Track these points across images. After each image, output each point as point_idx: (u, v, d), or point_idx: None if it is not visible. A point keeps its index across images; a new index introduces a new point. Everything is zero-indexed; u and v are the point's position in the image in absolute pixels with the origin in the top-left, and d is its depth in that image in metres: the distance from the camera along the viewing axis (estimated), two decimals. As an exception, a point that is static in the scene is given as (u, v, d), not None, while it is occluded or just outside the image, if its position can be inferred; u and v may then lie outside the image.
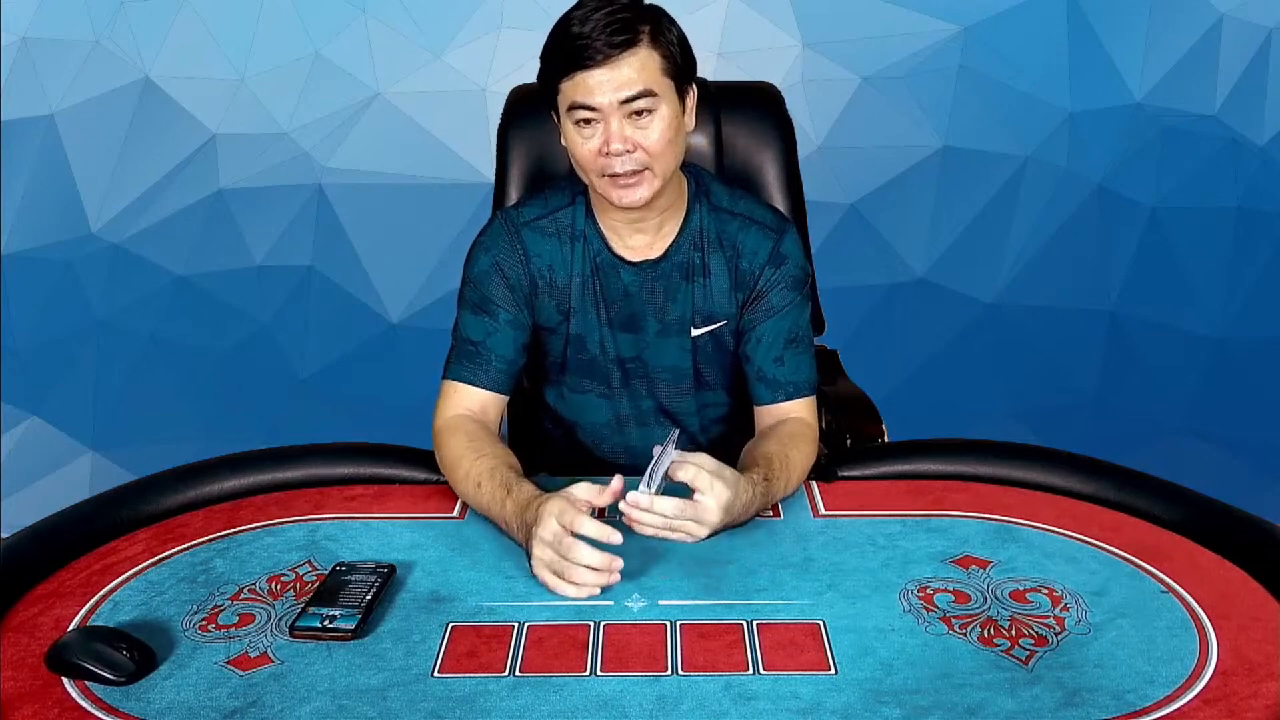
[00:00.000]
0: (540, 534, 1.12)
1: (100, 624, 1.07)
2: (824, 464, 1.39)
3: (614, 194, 1.32)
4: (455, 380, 1.39)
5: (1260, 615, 1.07)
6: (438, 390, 1.41)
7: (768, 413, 1.43)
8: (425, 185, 2.61)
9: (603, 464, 1.52)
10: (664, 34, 1.29)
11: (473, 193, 2.52)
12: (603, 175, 1.31)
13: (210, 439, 2.48)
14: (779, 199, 1.70)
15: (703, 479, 1.16)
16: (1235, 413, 2.67)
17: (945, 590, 1.12)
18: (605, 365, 1.46)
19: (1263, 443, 2.67)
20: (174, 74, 2.56)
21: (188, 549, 1.22)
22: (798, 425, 1.38)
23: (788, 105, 1.75)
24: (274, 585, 1.14)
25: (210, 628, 1.06)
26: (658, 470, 1.16)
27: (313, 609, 1.07)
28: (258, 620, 1.08)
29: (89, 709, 0.94)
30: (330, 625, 1.04)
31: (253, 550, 1.21)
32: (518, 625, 1.06)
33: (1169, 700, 0.94)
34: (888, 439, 1.62)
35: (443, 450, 1.34)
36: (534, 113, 1.68)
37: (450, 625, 1.06)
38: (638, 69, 1.26)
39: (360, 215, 2.64)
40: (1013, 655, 1.01)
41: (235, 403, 2.74)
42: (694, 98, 1.36)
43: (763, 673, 0.98)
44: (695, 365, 1.47)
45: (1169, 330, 2.66)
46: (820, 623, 1.06)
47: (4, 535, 1.26)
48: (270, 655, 1.02)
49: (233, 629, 1.06)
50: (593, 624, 1.06)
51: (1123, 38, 2.52)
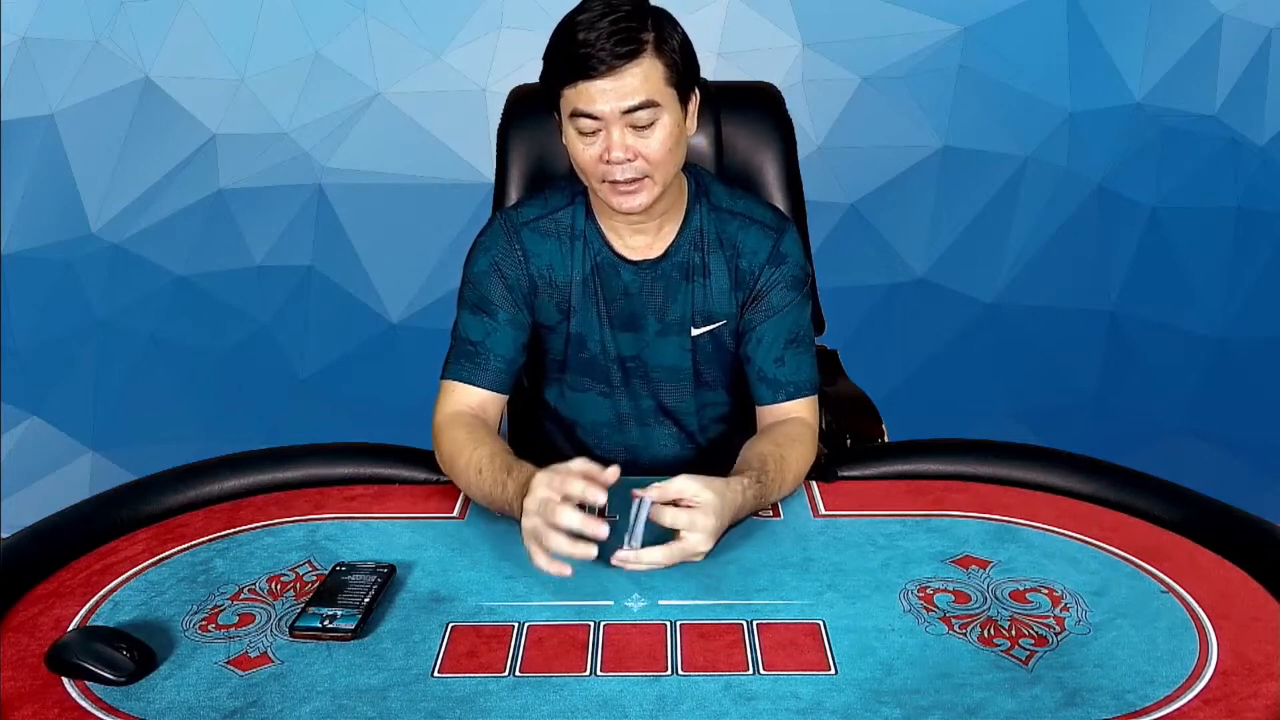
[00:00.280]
0: (527, 504, 1.12)
1: (100, 624, 1.07)
2: (824, 464, 1.39)
3: (614, 200, 1.32)
4: (455, 380, 1.40)
5: (1260, 615, 1.07)
6: (437, 390, 1.41)
7: (769, 413, 1.43)
8: (425, 185, 2.61)
9: (603, 463, 1.50)
10: (667, 42, 1.28)
11: (473, 193, 2.52)
12: (603, 181, 1.31)
13: (210, 439, 2.48)
14: (779, 199, 1.70)
15: (681, 518, 1.14)
16: (1235, 413, 2.67)
17: (945, 590, 1.12)
18: (605, 364, 1.46)
19: (1263, 443, 2.67)
20: (174, 74, 2.56)
21: (188, 549, 1.22)
22: (796, 425, 1.38)
23: (788, 105, 1.75)
24: (274, 585, 1.14)
25: (210, 628, 1.06)
26: (637, 526, 1.13)
27: (313, 609, 1.07)
28: (258, 620, 1.08)
29: (89, 709, 0.94)
30: (330, 625, 1.04)
31: (253, 550, 1.21)
32: (518, 625, 1.06)
33: (1169, 700, 0.94)
34: (888, 439, 1.62)
35: (442, 444, 1.34)
36: (534, 113, 1.69)
37: (450, 625, 1.06)
38: (641, 79, 1.26)
39: (360, 215, 2.64)
40: (1013, 655, 1.01)
41: (235, 403, 2.74)
42: (696, 102, 1.36)
43: (763, 673, 0.98)
44: (695, 365, 1.47)
45: (1169, 330, 2.66)
46: (820, 623, 1.06)
47: (4, 535, 1.26)
48: (270, 655, 1.02)
49: (233, 629, 1.06)
50: (593, 624, 1.06)
51: (1123, 38, 2.52)
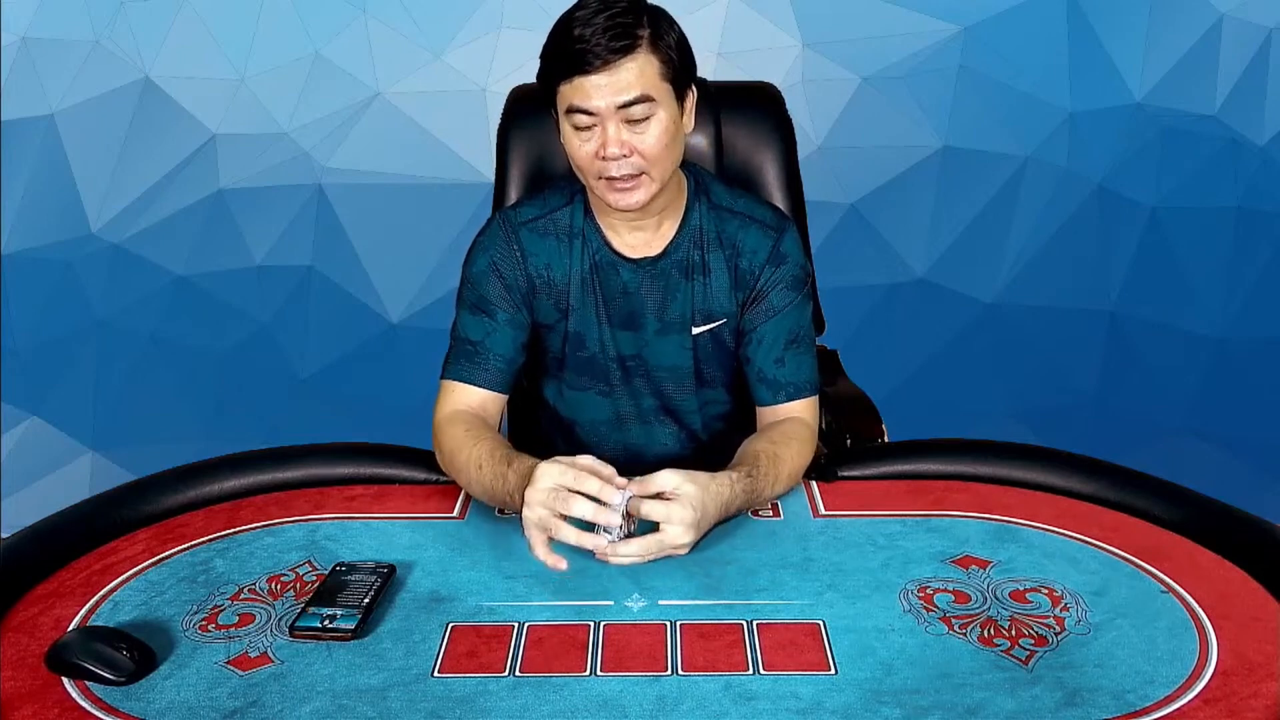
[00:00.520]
0: (530, 494, 1.13)
1: (100, 624, 1.07)
2: (824, 464, 1.39)
3: (611, 197, 1.33)
4: (454, 380, 1.40)
5: (1260, 615, 1.07)
6: (437, 390, 1.41)
7: (769, 413, 1.43)
8: (425, 185, 2.61)
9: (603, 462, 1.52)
10: (663, 38, 1.29)
11: (473, 193, 2.52)
12: (600, 178, 1.31)
13: (210, 439, 2.49)
14: (779, 199, 1.70)
15: (658, 511, 1.15)
16: (1235, 413, 2.67)
17: (945, 590, 1.12)
18: (605, 363, 1.46)
19: (1263, 443, 2.67)
20: (174, 74, 2.56)
21: (188, 549, 1.22)
22: (794, 425, 1.38)
23: (788, 105, 1.75)
24: (274, 585, 1.14)
25: (210, 628, 1.06)
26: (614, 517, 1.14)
27: (313, 609, 1.07)
28: (258, 620, 1.08)
29: (89, 709, 0.94)
30: (330, 625, 1.04)
31: (253, 550, 1.21)
32: (518, 625, 1.06)
33: (1169, 700, 0.94)
34: (888, 439, 1.62)
35: (443, 442, 1.34)
36: (534, 113, 1.69)
37: (450, 625, 1.06)
38: (636, 74, 1.26)
39: (360, 215, 2.64)
40: (1013, 655, 1.01)
41: (235, 403, 2.74)
42: (694, 99, 1.36)
43: (763, 673, 0.98)
44: (696, 363, 1.47)
45: (1169, 330, 2.66)
46: (820, 623, 1.06)
47: (4, 535, 1.26)
48: (270, 655, 1.02)
49: (233, 629, 1.06)
50: (593, 624, 1.06)
51: (1123, 38, 2.52)
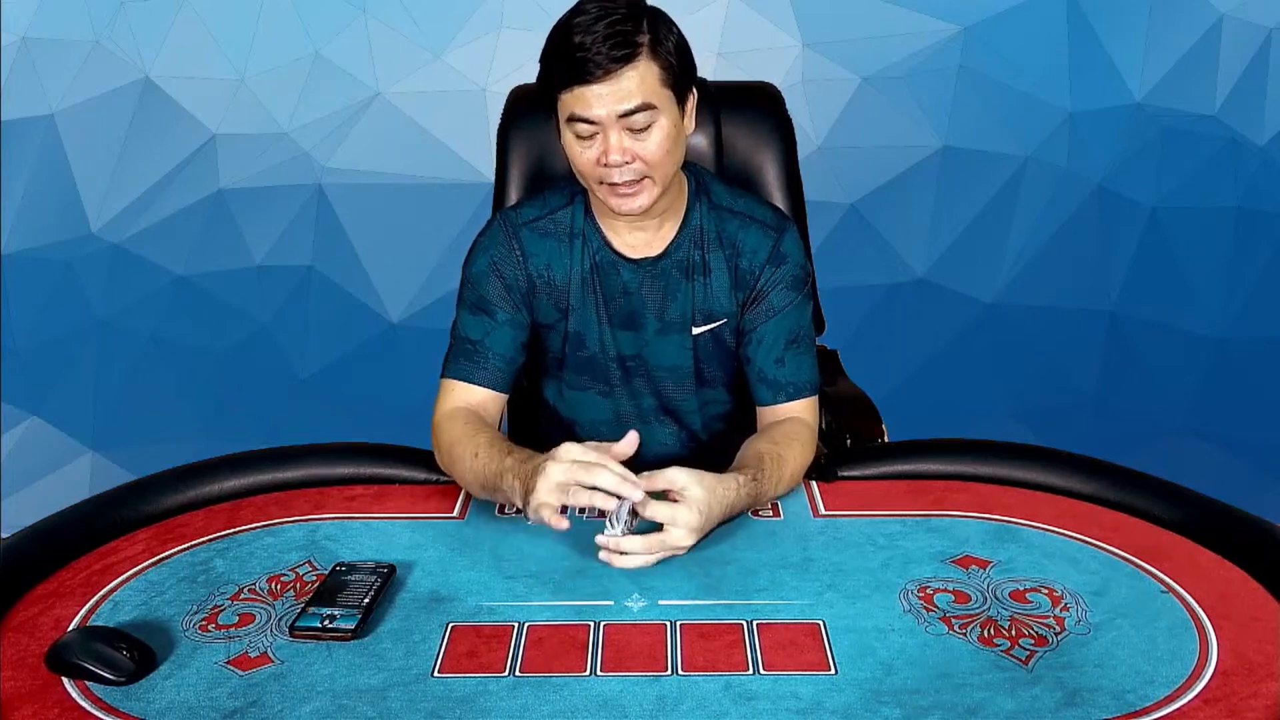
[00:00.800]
0: (559, 452, 1.16)
1: (100, 624, 1.07)
2: (824, 464, 1.39)
3: (613, 202, 1.33)
4: (454, 379, 1.40)
5: (1260, 615, 1.07)
6: (437, 389, 1.41)
7: (769, 413, 1.43)
8: (425, 185, 2.61)
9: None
10: (663, 43, 1.28)
11: (473, 193, 2.52)
12: (602, 184, 1.31)
13: (210, 439, 2.49)
14: (779, 199, 1.70)
15: (664, 513, 1.15)
16: (1235, 413, 2.67)
17: (945, 590, 1.12)
18: (605, 363, 1.46)
19: (1263, 443, 2.67)
20: (174, 74, 2.56)
21: (188, 549, 1.22)
22: (795, 425, 1.38)
23: (788, 105, 1.75)
24: (274, 585, 1.14)
25: (210, 628, 1.06)
26: (621, 511, 1.15)
27: (313, 609, 1.07)
28: (258, 620, 1.08)
29: (89, 709, 0.94)
30: (330, 625, 1.04)
31: (253, 550, 1.21)
32: (518, 625, 1.06)
33: (1169, 700, 0.94)
34: (888, 439, 1.62)
35: (441, 437, 1.34)
36: (534, 113, 1.69)
37: (450, 625, 1.06)
38: (637, 83, 1.26)
39: (360, 215, 2.64)
40: (1013, 655, 1.01)
41: (235, 403, 2.74)
42: (694, 100, 1.35)
43: (763, 673, 0.98)
44: (696, 363, 1.47)
45: (1169, 330, 2.66)
46: (820, 623, 1.06)
47: (4, 535, 1.26)
48: (270, 655, 1.02)
49: (233, 629, 1.06)
50: (593, 624, 1.06)
51: (1123, 38, 2.52)
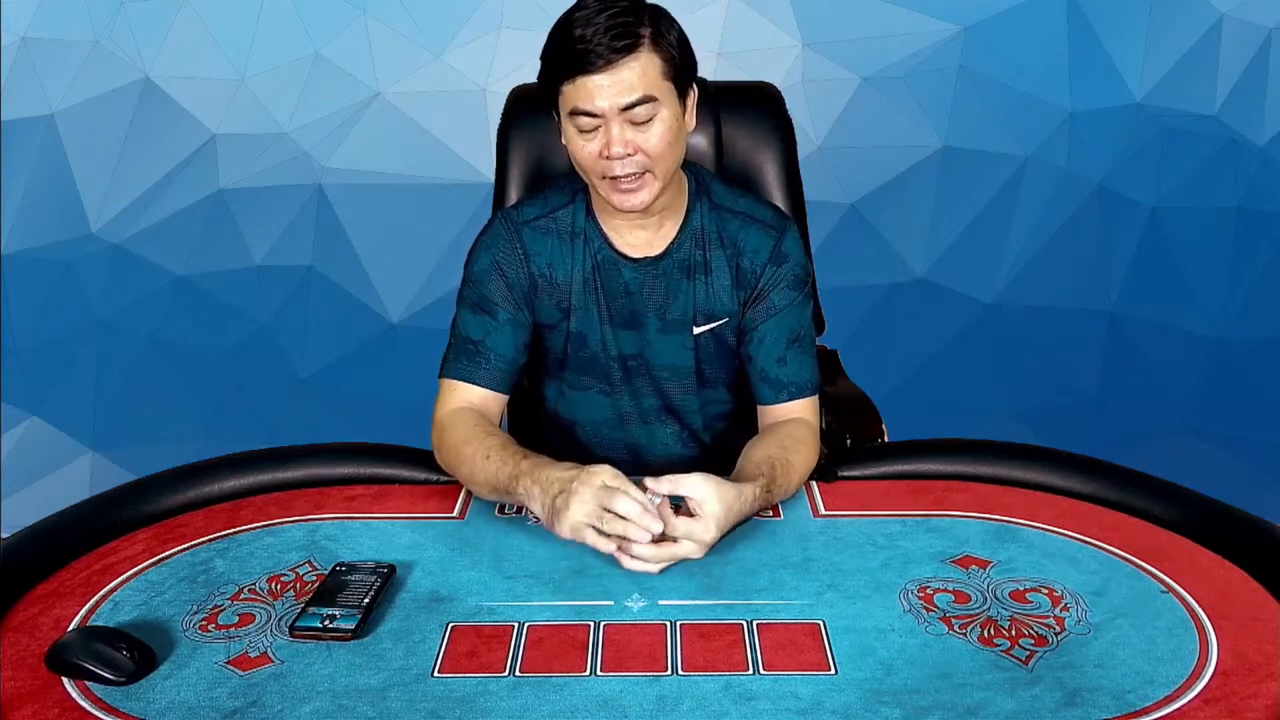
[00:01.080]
0: (583, 491, 1.14)
1: (100, 624, 1.07)
2: (824, 464, 1.39)
3: (615, 198, 1.32)
4: (455, 379, 1.39)
5: (1260, 615, 1.07)
6: (437, 388, 1.41)
7: (770, 413, 1.43)
8: (425, 185, 2.61)
9: (604, 461, 1.52)
10: (665, 36, 1.29)
11: (473, 193, 2.52)
12: (604, 178, 1.31)
13: (210, 439, 2.49)
14: (779, 199, 1.70)
15: (680, 528, 1.15)
16: (1235, 413, 2.67)
17: (945, 590, 1.12)
18: (606, 362, 1.46)
19: (1263, 443, 2.67)
20: (174, 74, 2.56)
21: (188, 549, 1.22)
22: (800, 428, 1.38)
23: (788, 105, 1.75)
24: (274, 585, 1.14)
25: (210, 628, 1.06)
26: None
27: (313, 609, 1.07)
28: (258, 620, 1.08)
29: (89, 709, 0.94)
30: (330, 625, 1.04)
31: (253, 550, 1.21)
32: (518, 625, 1.06)
33: (1169, 700, 0.94)
34: (888, 439, 1.62)
35: (447, 437, 1.33)
36: (534, 113, 1.69)
37: (450, 625, 1.06)
38: (639, 74, 1.26)
39: (360, 215, 2.64)
40: (1013, 655, 1.01)
41: (235, 403, 2.74)
42: (695, 97, 1.36)
43: (763, 673, 0.98)
44: (697, 363, 1.47)
45: (1169, 330, 2.66)
46: (820, 623, 1.06)
47: (4, 535, 1.26)
48: (270, 655, 1.02)
49: (233, 629, 1.06)
50: (593, 624, 1.06)
51: (1123, 38, 2.52)
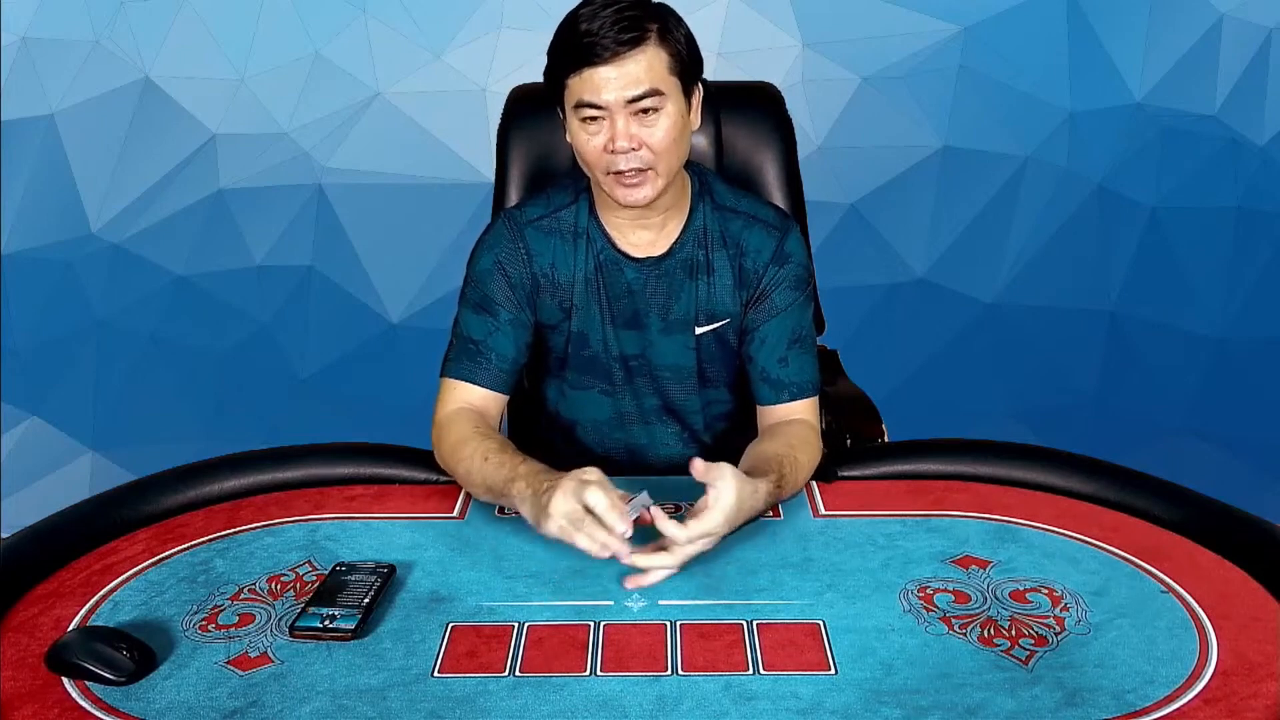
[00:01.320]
0: (565, 484, 1.11)
1: (100, 624, 1.07)
2: (824, 464, 1.39)
3: (618, 193, 1.32)
4: (456, 379, 1.39)
5: (1260, 615, 1.07)
6: (438, 388, 1.41)
7: (771, 413, 1.42)
8: (425, 185, 2.61)
9: (604, 461, 1.52)
10: (672, 32, 1.29)
11: (473, 193, 2.52)
12: (608, 173, 1.31)
13: (210, 439, 2.49)
14: (779, 199, 1.70)
15: (668, 559, 1.12)
16: (1235, 413, 2.67)
17: (945, 590, 1.12)
18: (607, 362, 1.46)
19: (1263, 443, 2.67)
20: (174, 74, 2.56)
21: (188, 549, 1.22)
22: (803, 428, 1.38)
23: (788, 105, 1.75)
24: (274, 585, 1.14)
25: (210, 628, 1.06)
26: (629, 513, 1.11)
27: (313, 609, 1.07)
28: (258, 620, 1.08)
29: (89, 709, 0.94)
30: (330, 625, 1.04)
31: (253, 550, 1.21)
32: (518, 625, 1.06)
33: (1169, 700, 0.94)
34: (888, 439, 1.62)
35: (446, 436, 1.33)
36: (534, 113, 1.69)
37: (450, 625, 1.06)
38: (645, 68, 1.26)
39: (360, 215, 2.64)
40: (1013, 655, 1.01)
41: (235, 403, 2.74)
42: (700, 97, 1.36)
43: (763, 673, 0.98)
44: (699, 363, 1.47)
45: (1169, 330, 2.66)
46: (820, 623, 1.06)
47: (4, 535, 1.26)
48: (270, 655, 1.02)
49: (233, 629, 1.06)
50: (593, 624, 1.06)
51: (1123, 38, 2.52)
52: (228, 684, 0.97)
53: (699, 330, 1.44)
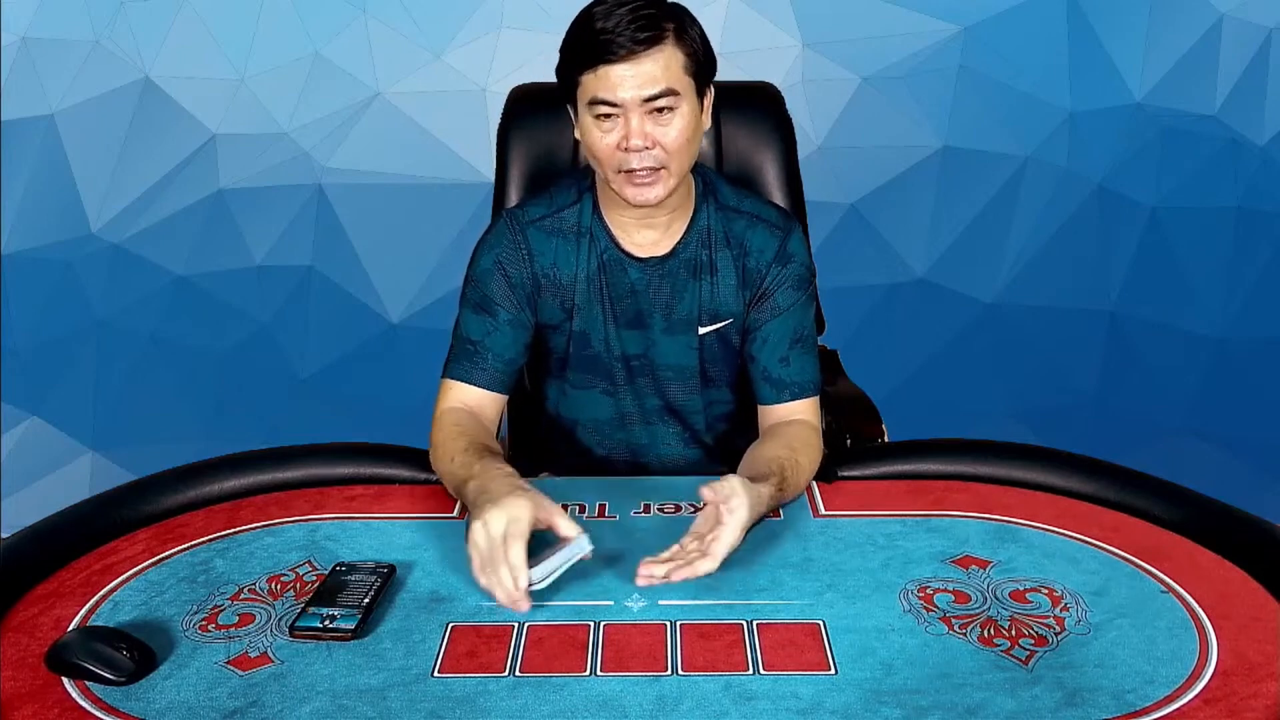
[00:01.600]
0: (477, 530, 1.07)
1: (100, 624, 1.07)
2: (824, 464, 1.39)
3: (629, 192, 1.32)
4: (453, 379, 1.40)
5: (1260, 615, 1.07)
6: (438, 389, 1.41)
7: (772, 413, 1.42)
8: (425, 185, 2.61)
9: (605, 461, 1.52)
10: (688, 32, 1.29)
11: (473, 193, 2.52)
12: (619, 171, 1.31)
13: (210, 439, 2.49)
14: (779, 199, 1.70)
15: (705, 565, 1.11)
16: (1235, 413, 2.67)
17: (945, 590, 1.12)
18: (609, 362, 1.46)
19: (1263, 443, 2.67)
20: (174, 74, 2.56)
21: (188, 549, 1.22)
22: (805, 430, 1.38)
23: (788, 105, 1.75)
24: (274, 585, 1.14)
25: (210, 628, 1.06)
26: (555, 560, 1.09)
27: (313, 609, 1.07)
28: (258, 620, 1.08)
29: (89, 709, 0.94)
30: (330, 625, 1.04)
31: (253, 550, 1.21)
32: (518, 625, 1.06)
33: (1169, 700, 0.94)
34: (888, 439, 1.62)
35: (433, 436, 1.34)
36: (534, 113, 1.69)
37: (450, 625, 1.06)
38: (662, 67, 1.26)
39: (360, 215, 2.64)
40: (1013, 655, 1.01)
41: (235, 403, 2.74)
42: (711, 98, 1.36)
43: (763, 673, 0.98)
44: (701, 363, 1.47)
45: (1169, 330, 2.66)
46: (820, 623, 1.06)
47: (4, 535, 1.26)
48: (270, 655, 1.02)
49: (233, 629, 1.06)
50: (593, 624, 1.06)
51: (1123, 38, 2.52)
52: (228, 684, 0.97)
53: (702, 330, 1.44)
